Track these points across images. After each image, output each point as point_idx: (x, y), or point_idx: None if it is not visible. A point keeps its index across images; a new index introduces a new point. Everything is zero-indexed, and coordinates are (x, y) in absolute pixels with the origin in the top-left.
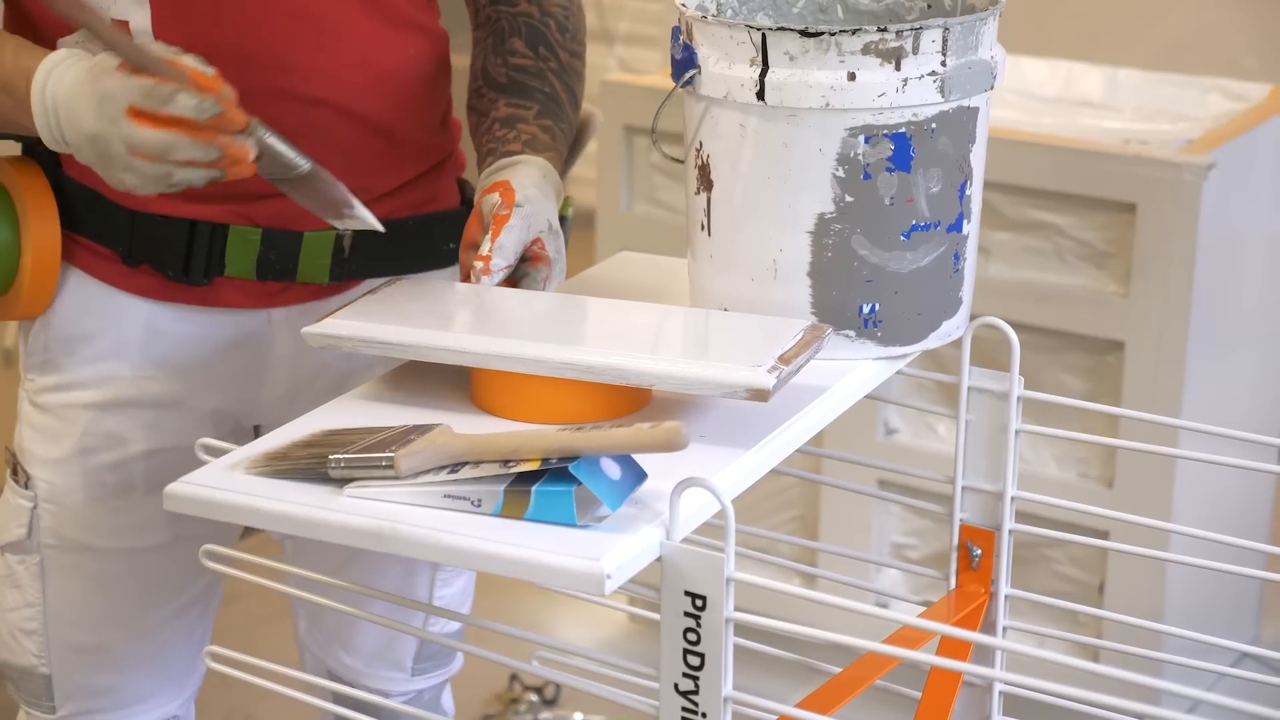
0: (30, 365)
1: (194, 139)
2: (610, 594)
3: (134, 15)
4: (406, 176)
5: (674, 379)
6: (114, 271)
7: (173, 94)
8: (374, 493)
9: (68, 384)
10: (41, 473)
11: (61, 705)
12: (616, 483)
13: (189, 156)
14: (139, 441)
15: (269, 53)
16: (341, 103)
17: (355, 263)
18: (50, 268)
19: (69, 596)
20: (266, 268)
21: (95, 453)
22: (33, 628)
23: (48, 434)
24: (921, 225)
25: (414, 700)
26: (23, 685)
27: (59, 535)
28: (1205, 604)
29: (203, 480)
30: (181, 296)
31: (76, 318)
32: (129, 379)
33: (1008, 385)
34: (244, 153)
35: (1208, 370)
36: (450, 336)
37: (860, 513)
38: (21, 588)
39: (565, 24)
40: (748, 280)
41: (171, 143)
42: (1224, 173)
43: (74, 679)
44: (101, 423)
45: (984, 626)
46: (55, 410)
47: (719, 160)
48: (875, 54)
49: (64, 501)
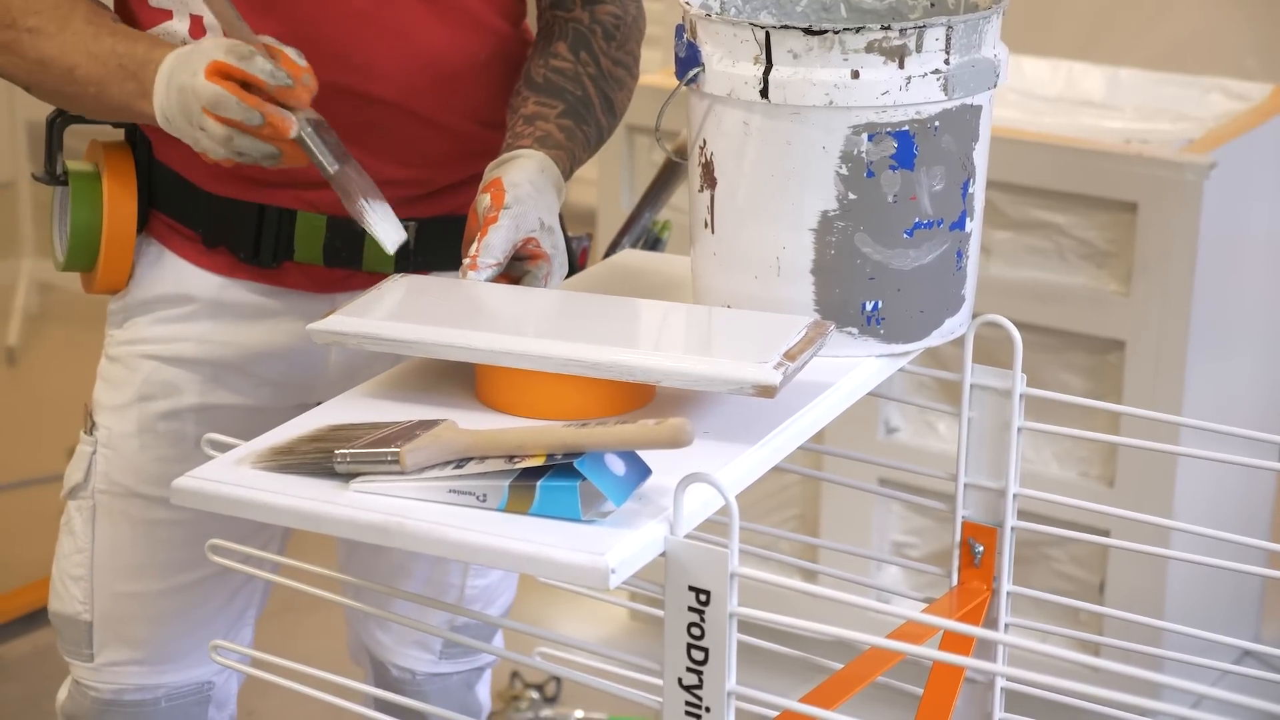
0: (111, 323)
1: (241, 100)
2: (614, 590)
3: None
4: (470, 171)
5: (679, 375)
6: (193, 250)
7: (251, 54)
8: (380, 487)
9: (139, 339)
10: (104, 419)
11: (99, 653)
12: (621, 478)
13: (235, 117)
14: (194, 394)
15: (328, 49)
16: (400, 101)
17: (421, 255)
18: (124, 247)
19: (114, 543)
20: (334, 255)
21: (152, 400)
22: (80, 574)
23: (114, 382)
24: (924, 223)
25: (441, 682)
26: (66, 634)
27: (110, 480)
28: (1206, 602)
29: (209, 475)
30: (253, 277)
31: (155, 284)
32: (195, 340)
33: (1010, 383)
34: (285, 125)
35: (1208, 369)
36: (455, 333)
37: (861, 511)
38: (75, 534)
39: (613, 33)
40: (751, 277)
41: (221, 97)
42: (1225, 172)
43: (113, 627)
44: (161, 372)
45: (986, 623)
46: (123, 360)
47: (722, 158)
48: (879, 52)
49: (119, 447)
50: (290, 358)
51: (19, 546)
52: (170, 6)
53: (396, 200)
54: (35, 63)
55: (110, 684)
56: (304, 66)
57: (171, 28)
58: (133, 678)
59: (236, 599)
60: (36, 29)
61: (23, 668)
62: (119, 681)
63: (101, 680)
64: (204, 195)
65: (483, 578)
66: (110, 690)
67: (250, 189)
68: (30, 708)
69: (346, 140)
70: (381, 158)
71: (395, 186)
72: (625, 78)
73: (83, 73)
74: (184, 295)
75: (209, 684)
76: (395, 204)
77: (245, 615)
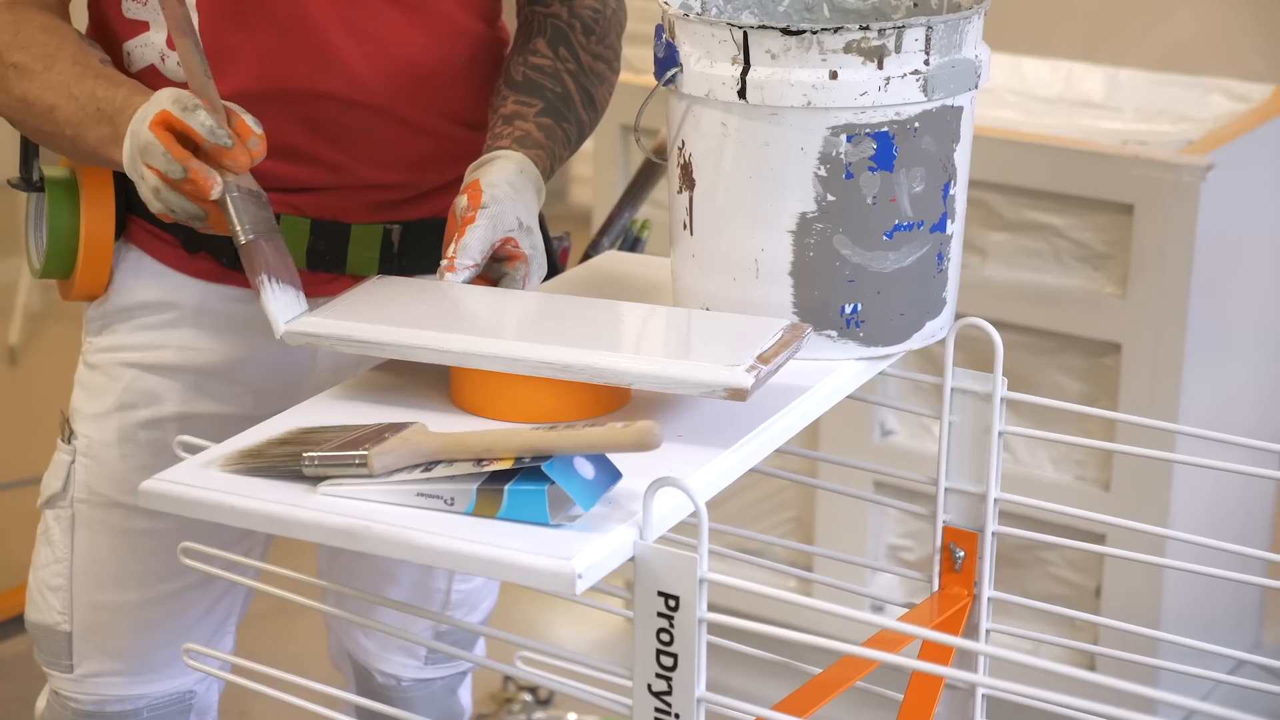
0: (89, 330)
1: (169, 151)
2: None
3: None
4: (454, 174)
5: (651, 378)
6: (174, 255)
7: (196, 107)
8: (347, 491)
9: (119, 345)
10: (83, 427)
11: (79, 664)
12: (590, 482)
13: (159, 166)
14: (175, 403)
15: (308, 54)
16: (381, 105)
17: (404, 258)
18: (103, 253)
19: (94, 552)
20: (316, 258)
21: (133, 409)
22: (59, 584)
23: (93, 390)
24: (904, 225)
25: (426, 688)
26: (45, 644)
27: (90, 489)
28: (1204, 607)
29: (177, 477)
30: (235, 281)
31: (134, 291)
32: (176, 347)
33: (991, 386)
34: (207, 184)
35: (1206, 373)
36: (428, 335)
37: (856, 514)
38: (53, 544)
39: (592, 27)
40: (730, 280)
41: (150, 145)
42: (1223, 174)
43: (93, 638)
44: (143, 380)
45: (967, 629)
46: (103, 368)
47: (701, 159)
48: (857, 52)
49: (99, 456)
50: (273, 363)
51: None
52: (147, 18)
53: (382, 204)
54: (18, 100)
55: (91, 695)
56: (257, 133)
57: (149, 39)
58: (114, 689)
59: (218, 606)
60: (21, 66)
61: (18, 666)
62: (100, 693)
63: (82, 691)
64: None
65: (468, 581)
66: (91, 701)
67: None
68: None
69: (332, 144)
70: (366, 161)
71: (380, 190)
72: (606, 72)
73: (62, 114)
74: (165, 302)
75: (191, 693)
76: (380, 208)
77: (227, 622)
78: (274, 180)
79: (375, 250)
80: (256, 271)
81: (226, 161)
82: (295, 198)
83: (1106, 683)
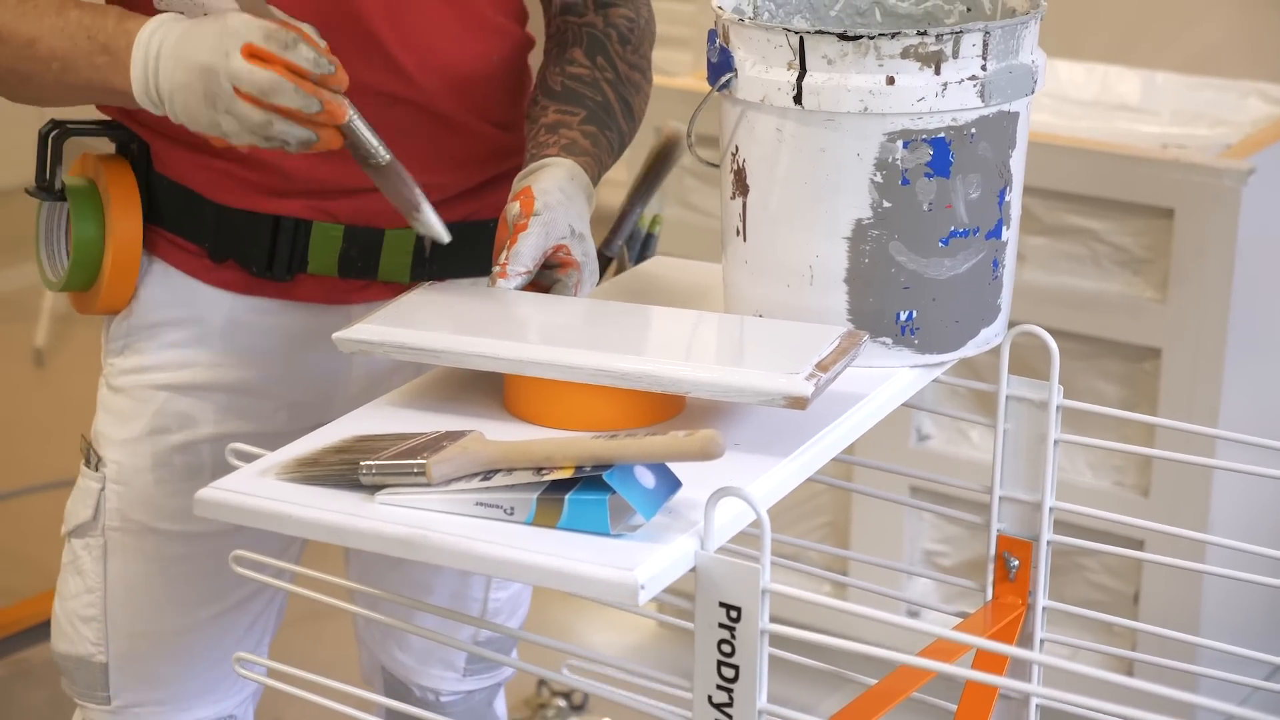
0: (110, 351)
1: (299, 86)
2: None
3: None
4: (486, 175)
5: (710, 386)
6: (199, 266)
7: (295, 40)
8: (406, 500)
9: (146, 366)
10: (112, 453)
11: (117, 695)
12: (651, 491)
13: (291, 104)
14: (209, 424)
15: (351, 47)
16: (420, 101)
17: (436, 263)
18: (130, 265)
19: (130, 581)
20: (349, 265)
21: (166, 433)
22: (92, 614)
23: (121, 415)
24: (960, 231)
25: (465, 701)
26: (78, 676)
27: (124, 516)
28: (1244, 610)
29: (233, 486)
30: (263, 291)
31: (159, 307)
32: (206, 365)
33: (1047, 394)
34: (341, 111)
35: (1246, 378)
36: (483, 342)
37: (892, 519)
38: (83, 573)
39: (628, 37)
40: (783, 286)
41: (278, 83)
42: (1264, 178)
43: (131, 668)
44: (175, 403)
45: (1021, 638)
46: (130, 391)
47: (755, 165)
48: (915, 58)
49: (131, 482)
50: (305, 376)
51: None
52: None
53: None
54: None
55: None
56: (325, 45)
57: None
58: (155, 718)
59: (255, 625)
60: None
61: (49, 672)
62: None
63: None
64: (210, 206)
65: (505, 589)
66: None
67: (263, 199)
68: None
69: None
70: (404, 161)
71: None
72: (641, 82)
73: (44, 47)
74: (193, 317)
75: (231, 718)
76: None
77: (263, 641)
78: (308, 184)
79: (408, 256)
80: (411, 186)
81: (333, 85)
82: (329, 203)
83: (1152, 690)
